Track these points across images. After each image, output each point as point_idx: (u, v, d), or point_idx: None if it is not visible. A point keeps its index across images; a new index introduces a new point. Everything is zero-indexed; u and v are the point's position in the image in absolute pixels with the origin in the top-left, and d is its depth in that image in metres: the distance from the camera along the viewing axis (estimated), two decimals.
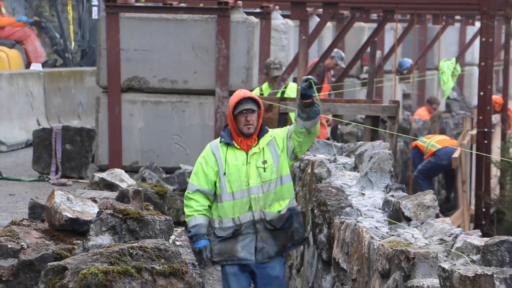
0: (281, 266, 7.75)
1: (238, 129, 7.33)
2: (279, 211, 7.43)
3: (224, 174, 7.34)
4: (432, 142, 21.01)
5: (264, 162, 7.30)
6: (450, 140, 21.43)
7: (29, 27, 25.08)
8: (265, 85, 16.27)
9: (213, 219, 7.67)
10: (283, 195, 7.44)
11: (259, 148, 7.37)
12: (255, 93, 12.96)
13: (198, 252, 7.40)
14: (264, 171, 7.28)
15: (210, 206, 7.58)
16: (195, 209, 7.37)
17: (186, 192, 7.64)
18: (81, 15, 26.54)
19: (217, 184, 7.38)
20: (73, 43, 25.84)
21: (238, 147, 7.39)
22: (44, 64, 23.86)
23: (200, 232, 7.32)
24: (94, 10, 26.01)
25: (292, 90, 16.14)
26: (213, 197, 7.43)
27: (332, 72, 20.06)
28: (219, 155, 7.36)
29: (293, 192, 7.82)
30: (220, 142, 7.49)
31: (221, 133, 7.55)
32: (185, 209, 7.61)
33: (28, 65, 23.36)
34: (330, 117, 17.20)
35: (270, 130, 7.62)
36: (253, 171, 7.30)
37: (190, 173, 17.88)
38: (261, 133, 7.43)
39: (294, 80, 17.06)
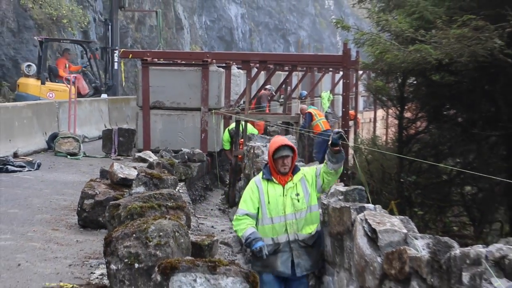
0: (307, 283, 8.20)
1: (277, 169, 7.89)
2: (310, 233, 7.92)
3: (266, 203, 7.84)
4: (321, 121, 24.38)
5: (297, 194, 7.80)
6: (327, 124, 24.77)
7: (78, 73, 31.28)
8: None
9: None
10: (312, 220, 7.96)
11: (293, 183, 7.90)
12: None
13: (259, 250, 7.57)
14: (298, 201, 7.79)
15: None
16: (247, 224, 7.74)
17: (235, 216, 8.04)
18: (108, 65, 33.88)
19: (260, 210, 7.85)
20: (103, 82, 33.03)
21: (276, 182, 7.91)
22: (86, 95, 30.10)
23: (257, 236, 7.63)
24: (115, 63, 33.93)
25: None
26: (256, 220, 7.88)
27: (269, 98, 26.57)
28: (262, 188, 7.87)
29: (319, 218, 8.15)
30: (262, 178, 7.99)
31: (263, 170, 8.06)
32: (237, 228, 7.94)
33: (79, 95, 28.87)
34: (263, 122, 23.13)
35: (301, 168, 8.17)
36: (288, 201, 7.79)
37: (188, 153, 19.51)
38: (294, 171, 7.98)
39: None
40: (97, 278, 8.97)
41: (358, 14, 58.90)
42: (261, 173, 8.14)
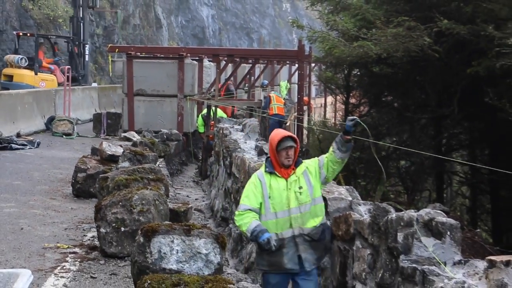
0: (316, 277, 6.76)
1: (280, 161, 6.59)
2: (314, 226, 6.55)
3: (269, 197, 6.52)
4: (276, 105, 23.48)
5: (300, 187, 6.53)
6: (281, 110, 23.77)
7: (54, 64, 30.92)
8: None
9: None
10: (316, 213, 6.60)
11: (296, 176, 6.59)
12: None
13: (267, 241, 6.30)
14: (300, 194, 6.51)
15: None
16: (250, 217, 6.42)
17: (237, 212, 6.62)
18: (80, 58, 32.75)
19: (262, 205, 6.57)
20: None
21: (279, 175, 6.59)
22: (60, 83, 28.90)
23: (262, 228, 6.36)
24: (86, 56, 33.33)
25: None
26: (259, 215, 6.55)
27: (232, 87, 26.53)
28: (264, 182, 6.59)
29: (324, 210, 6.82)
30: (265, 171, 6.69)
31: (265, 163, 6.77)
32: (241, 222, 6.52)
33: (59, 84, 29.02)
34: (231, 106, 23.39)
35: (304, 161, 6.82)
36: (292, 195, 6.51)
37: (166, 133, 19.36)
38: (297, 163, 6.67)
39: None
40: (89, 240, 8.96)
41: (311, 15, 59.02)
42: (262, 167, 6.79)
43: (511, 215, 18.09)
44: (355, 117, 6.68)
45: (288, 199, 6.53)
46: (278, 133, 6.78)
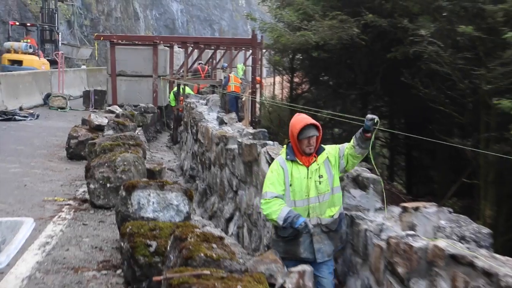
0: (331, 267, 5.45)
1: (301, 149, 5.33)
2: (332, 216, 5.32)
3: (290, 185, 5.25)
4: (233, 84, 23.16)
5: (320, 176, 5.29)
6: (237, 88, 23.46)
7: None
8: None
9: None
10: (334, 202, 5.35)
11: (317, 164, 5.33)
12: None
13: (304, 225, 5.10)
14: (320, 184, 5.26)
15: None
16: (279, 204, 5.17)
17: (263, 201, 5.29)
18: (58, 43, 32.75)
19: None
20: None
21: (300, 163, 5.33)
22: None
23: (295, 213, 5.14)
24: (59, 42, 32.94)
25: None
26: None
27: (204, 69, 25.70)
28: (286, 169, 5.31)
29: (341, 200, 5.50)
30: (286, 158, 5.38)
31: (286, 150, 5.46)
32: (269, 211, 5.21)
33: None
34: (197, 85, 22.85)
35: (325, 148, 5.51)
36: (312, 184, 5.26)
37: (144, 107, 18.99)
38: (319, 151, 5.42)
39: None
40: (81, 194, 8.91)
41: (262, 10, 58.59)
42: (283, 154, 5.45)
43: (420, 171, 18.86)
44: (374, 116, 5.36)
45: (308, 188, 5.28)
46: (300, 120, 5.38)
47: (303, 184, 5.26)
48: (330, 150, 5.47)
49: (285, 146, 5.51)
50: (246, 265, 4.47)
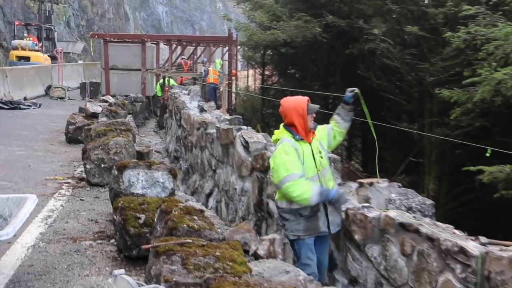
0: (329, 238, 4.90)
1: (308, 126, 4.74)
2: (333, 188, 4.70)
3: (303, 163, 4.58)
4: (212, 77, 22.82)
5: (320, 152, 4.77)
6: (215, 80, 23.27)
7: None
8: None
9: (294, 202, 4.65)
10: (331, 177, 4.81)
11: (316, 140, 4.83)
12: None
13: (341, 195, 4.59)
14: (322, 158, 4.75)
15: None
16: (307, 183, 4.52)
17: (290, 183, 4.52)
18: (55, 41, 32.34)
19: None
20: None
21: (306, 141, 4.72)
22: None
23: (325, 187, 4.61)
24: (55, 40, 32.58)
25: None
26: None
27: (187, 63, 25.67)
28: (298, 149, 4.63)
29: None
30: (295, 139, 4.68)
31: (289, 132, 4.75)
32: (300, 191, 4.51)
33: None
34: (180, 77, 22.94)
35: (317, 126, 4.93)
36: (318, 159, 4.71)
37: (133, 97, 18.89)
38: (315, 128, 4.87)
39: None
40: (78, 173, 8.79)
41: (237, 11, 58.34)
42: (289, 136, 4.69)
43: (374, 151, 19.03)
44: (354, 88, 5.04)
45: (315, 163, 4.71)
46: (299, 99, 4.86)
47: (311, 161, 4.70)
48: (320, 128, 5.02)
49: (281, 130, 4.83)
50: (223, 234, 4.44)
